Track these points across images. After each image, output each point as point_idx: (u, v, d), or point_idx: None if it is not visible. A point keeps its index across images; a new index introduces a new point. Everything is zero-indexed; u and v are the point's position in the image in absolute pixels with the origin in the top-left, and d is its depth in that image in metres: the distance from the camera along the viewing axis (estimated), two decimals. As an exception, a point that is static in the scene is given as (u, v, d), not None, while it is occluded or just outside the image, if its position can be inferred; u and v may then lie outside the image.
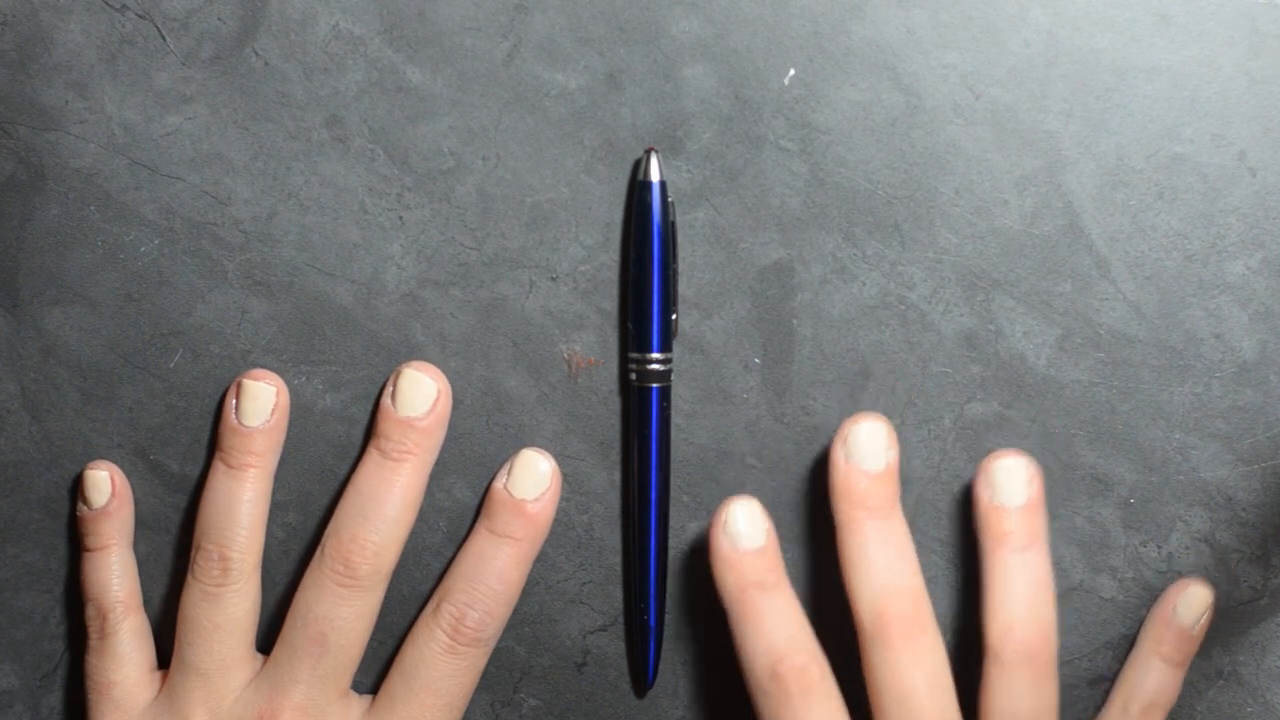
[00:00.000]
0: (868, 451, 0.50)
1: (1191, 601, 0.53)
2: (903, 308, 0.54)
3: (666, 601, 0.55)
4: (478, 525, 0.52)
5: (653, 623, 0.54)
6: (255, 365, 0.54)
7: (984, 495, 0.51)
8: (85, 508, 0.54)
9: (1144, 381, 0.54)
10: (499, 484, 0.52)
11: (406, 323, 0.55)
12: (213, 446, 0.55)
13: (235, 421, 0.52)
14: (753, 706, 0.50)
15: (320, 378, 0.55)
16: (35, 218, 0.55)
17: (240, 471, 0.52)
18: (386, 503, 0.51)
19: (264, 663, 0.52)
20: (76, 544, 0.55)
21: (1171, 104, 0.53)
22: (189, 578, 0.52)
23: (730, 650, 0.55)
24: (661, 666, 0.55)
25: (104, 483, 0.54)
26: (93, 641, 0.54)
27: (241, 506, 0.52)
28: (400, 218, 0.54)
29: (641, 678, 0.55)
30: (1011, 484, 0.50)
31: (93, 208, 0.54)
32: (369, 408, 0.55)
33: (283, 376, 0.55)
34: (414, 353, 0.55)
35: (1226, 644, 0.54)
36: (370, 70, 0.54)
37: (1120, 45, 0.53)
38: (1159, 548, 0.54)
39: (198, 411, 0.55)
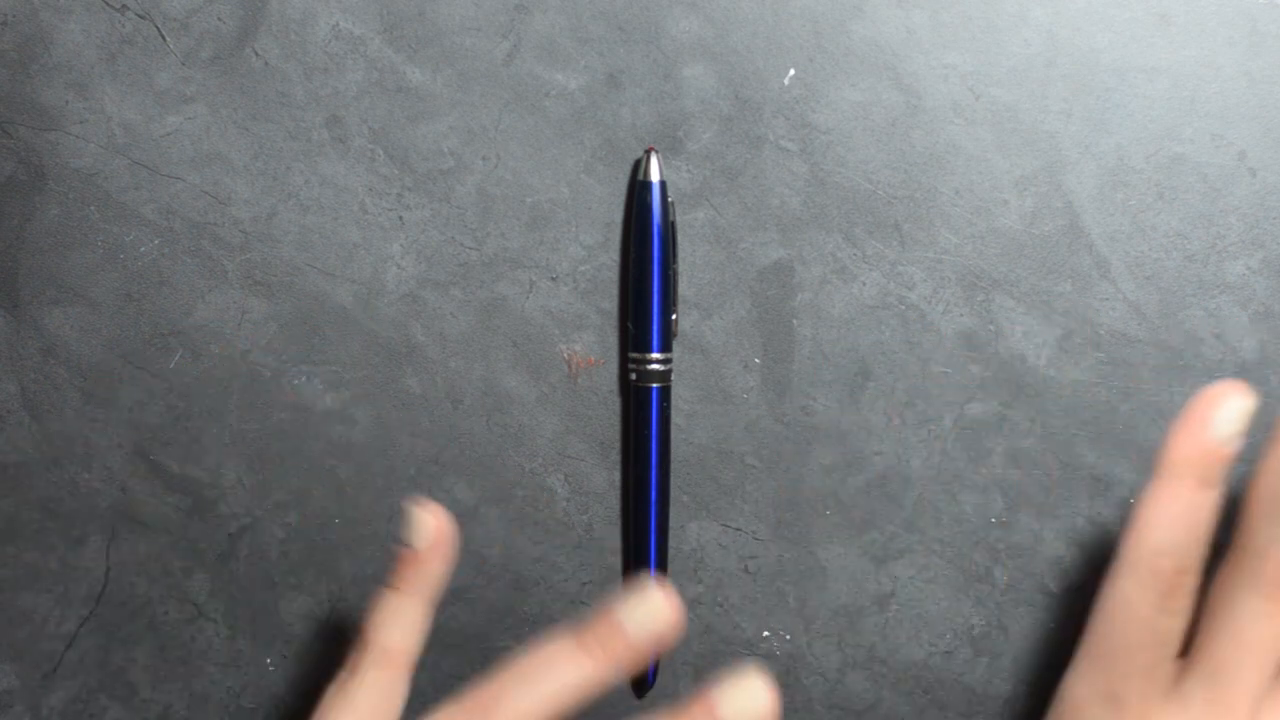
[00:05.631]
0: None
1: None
2: (903, 308, 0.54)
3: (666, 601, 0.55)
4: None
5: (653, 623, 0.54)
6: (256, 365, 0.54)
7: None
8: (405, 545, 0.49)
9: (1144, 381, 0.54)
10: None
11: (406, 323, 0.55)
12: (216, 445, 0.55)
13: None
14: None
15: (320, 378, 0.55)
16: (35, 218, 0.55)
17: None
18: None
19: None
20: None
21: (1171, 104, 0.53)
22: None
23: (730, 650, 0.55)
24: (661, 666, 0.55)
25: (429, 529, 0.49)
26: (340, 674, 0.49)
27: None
28: (400, 218, 0.54)
29: (642, 678, 0.55)
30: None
31: (93, 208, 0.54)
32: (369, 408, 0.55)
33: (283, 376, 0.55)
34: (414, 353, 0.55)
35: (1226, 644, 0.54)
36: (370, 70, 0.54)
37: (1120, 45, 0.53)
38: (1159, 548, 0.54)
39: (198, 411, 0.55)
